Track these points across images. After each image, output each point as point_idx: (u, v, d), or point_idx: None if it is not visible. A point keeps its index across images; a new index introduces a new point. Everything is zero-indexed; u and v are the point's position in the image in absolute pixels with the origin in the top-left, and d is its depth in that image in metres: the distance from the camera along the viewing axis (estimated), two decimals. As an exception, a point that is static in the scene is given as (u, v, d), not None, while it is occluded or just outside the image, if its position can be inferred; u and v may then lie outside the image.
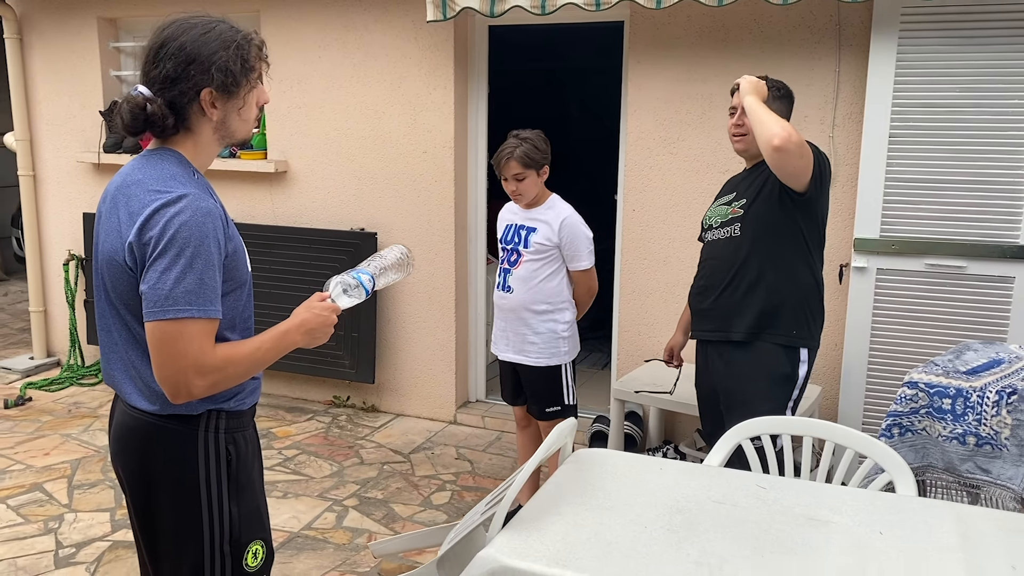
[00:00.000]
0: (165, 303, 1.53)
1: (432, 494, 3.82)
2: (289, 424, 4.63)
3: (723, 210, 2.82)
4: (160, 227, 1.54)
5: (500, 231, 3.38)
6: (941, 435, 2.47)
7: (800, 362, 2.73)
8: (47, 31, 5.34)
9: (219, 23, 1.66)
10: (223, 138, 1.73)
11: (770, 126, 2.51)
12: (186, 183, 1.60)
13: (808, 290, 2.75)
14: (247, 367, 1.64)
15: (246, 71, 1.66)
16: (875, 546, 1.79)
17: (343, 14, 4.57)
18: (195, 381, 1.56)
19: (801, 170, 2.56)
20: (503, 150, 3.18)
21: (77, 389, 5.20)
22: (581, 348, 3.52)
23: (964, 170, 3.39)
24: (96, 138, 5.26)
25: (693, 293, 2.94)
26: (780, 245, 2.70)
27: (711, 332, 2.84)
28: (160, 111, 1.61)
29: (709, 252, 2.89)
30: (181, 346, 1.54)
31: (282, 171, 4.84)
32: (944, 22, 3.35)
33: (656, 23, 3.99)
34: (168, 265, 1.53)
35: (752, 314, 2.71)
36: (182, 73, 1.60)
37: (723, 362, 2.81)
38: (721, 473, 2.18)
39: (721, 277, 2.78)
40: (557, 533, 1.81)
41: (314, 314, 1.73)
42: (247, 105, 1.71)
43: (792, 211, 2.67)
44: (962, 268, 3.42)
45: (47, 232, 5.61)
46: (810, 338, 2.76)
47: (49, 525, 3.47)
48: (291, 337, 1.70)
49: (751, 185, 2.76)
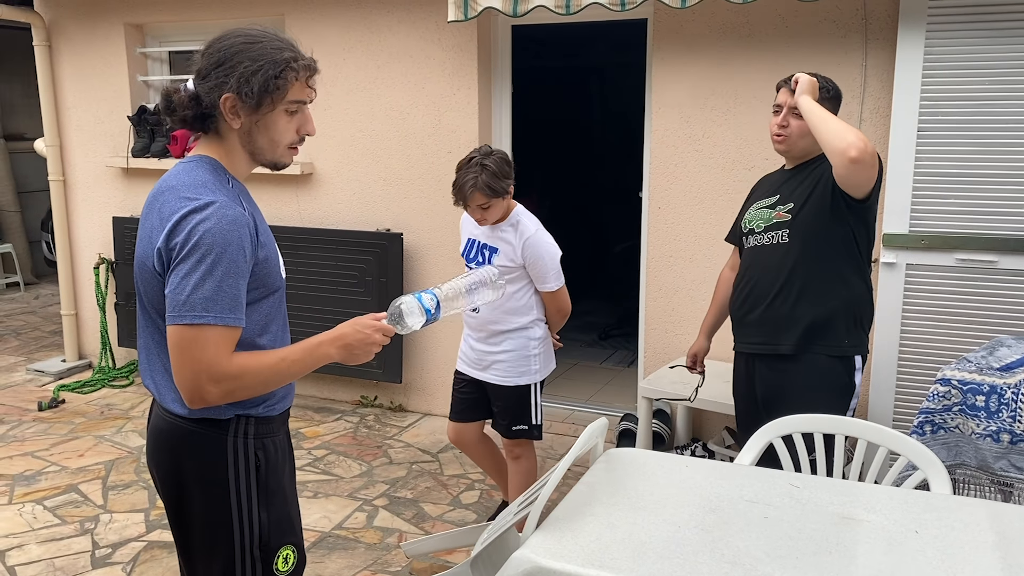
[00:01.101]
0: (183, 308, 1.54)
1: (461, 493, 3.83)
2: (318, 424, 4.67)
3: (766, 214, 2.68)
4: (185, 233, 1.55)
5: (462, 243, 3.16)
6: (974, 432, 2.44)
7: (856, 370, 2.61)
8: (75, 38, 5.41)
9: (270, 39, 1.66)
10: (252, 153, 1.72)
11: (843, 134, 2.35)
12: (216, 191, 1.62)
13: (860, 296, 2.62)
14: (267, 378, 1.63)
15: (271, 90, 1.64)
16: (911, 545, 1.78)
17: (367, 16, 4.59)
18: (208, 388, 1.57)
19: (869, 180, 2.44)
20: (464, 181, 2.91)
21: (109, 391, 5.27)
22: (606, 346, 3.46)
23: (994, 163, 3.35)
24: (125, 143, 5.33)
25: (735, 303, 2.79)
26: (832, 252, 2.57)
27: (758, 345, 2.69)
28: (182, 100, 1.65)
29: (752, 259, 2.73)
30: (196, 352, 1.55)
31: (308, 173, 4.88)
32: (973, 14, 3.31)
33: (680, 20, 3.98)
34: (189, 270, 1.55)
35: (803, 325, 2.58)
36: (212, 72, 1.64)
37: (772, 375, 2.67)
38: (753, 472, 2.18)
39: (768, 287, 2.64)
40: (591, 533, 1.82)
41: (355, 330, 1.70)
42: (272, 123, 1.68)
43: (846, 216, 2.53)
44: (993, 263, 3.38)
45: (77, 236, 5.69)
46: (862, 345, 2.63)
47: (85, 526, 3.53)
48: (324, 350, 1.67)
49: (799, 187, 2.62)
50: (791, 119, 2.60)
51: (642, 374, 4.35)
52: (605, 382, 5.31)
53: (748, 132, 3.93)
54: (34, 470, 4.06)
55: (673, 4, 3.59)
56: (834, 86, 2.69)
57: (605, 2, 3.69)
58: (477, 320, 3.12)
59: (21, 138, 8.41)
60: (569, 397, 4.98)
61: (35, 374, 5.57)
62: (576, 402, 4.89)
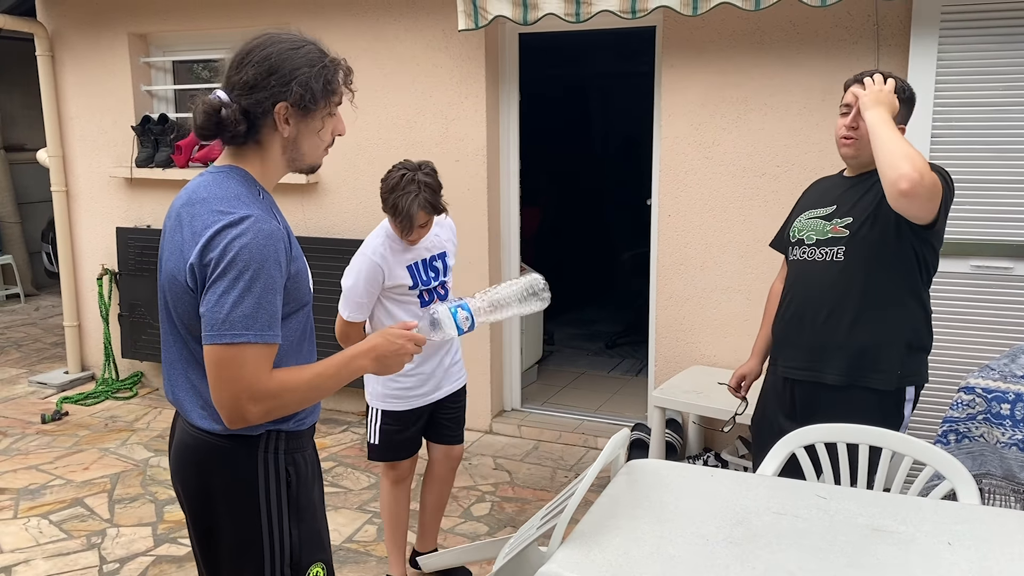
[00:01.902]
0: (222, 327, 1.51)
1: (472, 505, 3.79)
2: (324, 436, 4.62)
3: (820, 225, 2.44)
4: (221, 249, 1.52)
5: (399, 279, 2.80)
6: (1000, 441, 2.41)
7: (906, 401, 2.40)
8: (78, 48, 5.38)
9: (308, 43, 1.65)
10: (292, 160, 1.70)
11: (898, 163, 2.11)
12: (250, 204, 1.58)
13: (918, 322, 2.41)
14: (305, 394, 1.60)
15: (327, 93, 1.64)
16: (945, 557, 1.74)
17: (374, 25, 4.57)
18: (249, 407, 1.53)
19: (927, 212, 2.21)
20: (406, 203, 2.65)
21: (112, 403, 5.22)
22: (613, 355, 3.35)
23: (1009, 169, 3.33)
24: (128, 153, 5.30)
25: (780, 321, 2.57)
26: (893, 274, 2.36)
27: (800, 370, 2.49)
28: (234, 116, 1.59)
29: (800, 274, 2.51)
30: (235, 371, 1.52)
31: (313, 182, 4.85)
32: (986, 19, 3.29)
33: (689, 27, 3.96)
34: (227, 288, 1.51)
35: (852, 353, 2.37)
36: (262, 82, 1.59)
37: (812, 405, 2.46)
38: (778, 483, 2.14)
39: (817, 308, 2.42)
40: (618, 547, 1.78)
41: (388, 340, 1.68)
42: (324, 128, 1.68)
43: (911, 239, 2.32)
44: (1009, 269, 3.35)
45: (80, 247, 5.65)
46: (918, 374, 2.42)
47: (92, 540, 3.48)
48: (358, 363, 1.66)
49: (861, 200, 2.38)
50: (860, 120, 2.34)
51: (653, 384, 4.31)
52: (614, 391, 5.27)
53: (758, 139, 3.90)
54: (39, 484, 4.01)
55: (684, 12, 3.57)
56: (909, 87, 2.44)
57: (615, 9, 3.66)
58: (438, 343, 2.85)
59: (21, 149, 8.38)
60: (578, 407, 4.94)
61: (37, 386, 5.52)
62: (585, 412, 4.85)
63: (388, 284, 2.79)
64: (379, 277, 2.77)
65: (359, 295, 2.78)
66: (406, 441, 3.00)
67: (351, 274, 2.79)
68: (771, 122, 3.85)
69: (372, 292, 2.79)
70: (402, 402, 2.94)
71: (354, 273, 2.78)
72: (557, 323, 6.76)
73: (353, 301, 2.79)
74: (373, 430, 2.97)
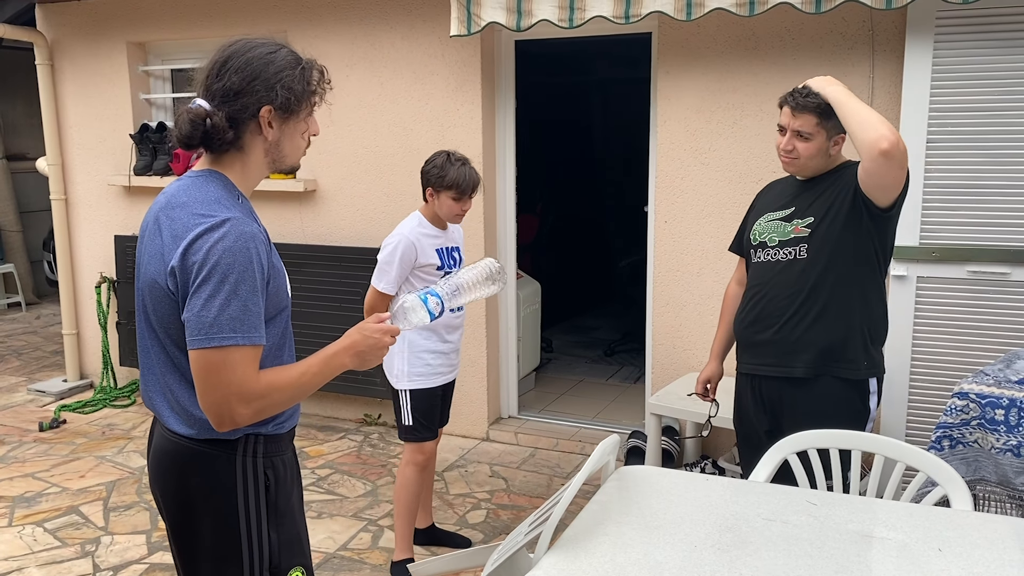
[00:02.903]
0: (210, 331, 1.51)
1: (467, 512, 3.78)
2: (321, 443, 4.61)
3: (782, 227, 2.51)
4: (204, 252, 1.52)
5: (430, 258, 3.09)
6: (994, 447, 2.39)
7: (871, 394, 2.48)
8: (77, 57, 5.40)
9: (282, 46, 1.67)
10: (273, 161, 1.71)
11: (875, 125, 2.19)
12: (230, 207, 1.59)
13: (878, 315, 2.50)
14: (292, 393, 1.61)
15: (308, 93, 1.67)
16: (935, 564, 1.73)
17: (370, 33, 4.58)
18: (239, 409, 1.54)
19: (897, 181, 2.29)
20: (469, 177, 3.04)
21: (110, 411, 5.22)
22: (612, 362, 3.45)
23: (1005, 174, 3.31)
24: (127, 161, 5.31)
25: (744, 322, 2.61)
26: (855, 269, 2.43)
27: (769, 367, 2.54)
28: (221, 123, 1.60)
29: (764, 275, 2.56)
30: (225, 374, 1.52)
31: (311, 190, 4.85)
32: (980, 25, 3.29)
33: (685, 33, 3.96)
34: (212, 292, 1.51)
35: (819, 347, 2.45)
36: (247, 87, 1.60)
37: (781, 400, 2.54)
38: (769, 489, 2.13)
39: (783, 306, 2.48)
40: (605, 554, 1.77)
41: (364, 335, 1.69)
42: (298, 130, 1.70)
43: (870, 229, 2.41)
44: (1006, 275, 3.34)
45: (79, 255, 5.66)
46: (878, 366, 2.51)
47: (86, 548, 3.47)
48: (339, 359, 1.66)
49: (818, 200, 2.47)
50: (796, 142, 2.44)
51: (650, 390, 4.29)
52: (612, 398, 5.26)
53: (754, 145, 3.90)
54: (34, 491, 4.01)
55: (678, 17, 3.57)
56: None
57: (609, 15, 3.67)
58: (461, 319, 3.22)
59: (23, 158, 8.40)
60: (576, 414, 4.93)
61: (36, 394, 5.52)
62: (583, 419, 4.83)
63: (420, 262, 3.06)
64: (412, 255, 3.04)
65: (393, 268, 3.04)
66: (435, 418, 3.22)
67: (387, 249, 3.06)
68: (766, 128, 3.85)
69: (404, 268, 3.05)
70: (427, 379, 3.14)
71: (391, 248, 3.05)
72: (556, 331, 6.76)
73: (386, 273, 3.05)
74: (406, 411, 3.16)
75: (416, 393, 3.14)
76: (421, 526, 3.44)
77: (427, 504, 3.47)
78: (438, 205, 3.08)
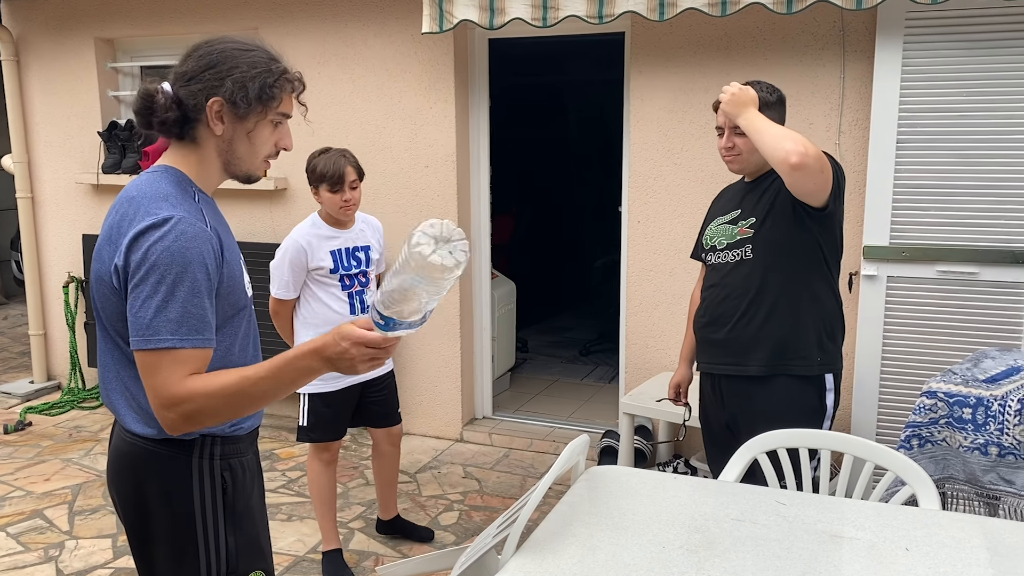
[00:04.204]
0: (146, 332, 1.47)
1: (440, 514, 3.75)
2: (292, 445, 4.56)
3: (729, 230, 2.57)
4: (143, 251, 1.48)
5: (321, 261, 3.05)
6: (962, 446, 2.40)
7: (827, 391, 2.51)
8: (44, 52, 5.31)
9: (259, 49, 1.63)
10: (228, 163, 1.66)
11: (780, 142, 2.25)
12: (176, 205, 1.54)
13: (830, 310, 2.53)
14: (227, 399, 1.50)
15: (264, 99, 1.60)
16: (901, 563, 1.73)
17: (341, 30, 4.54)
18: (163, 413, 1.49)
19: (821, 186, 2.34)
20: (335, 164, 2.98)
21: (78, 413, 5.13)
22: (587, 362, 3.44)
23: (974, 174, 3.34)
24: (95, 159, 5.23)
25: (700, 323, 2.68)
26: (799, 265, 2.48)
27: (725, 366, 2.59)
28: (165, 102, 1.57)
29: (716, 277, 2.63)
30: (149, 378, 1.49)
31: (282, 188, 4.80)
32: (949, 26, 3.31)
33: (658, 33, 3.95)
34: (150, 292, 1.47)
35: (771, 345, 2.48)
36: (199, 74, 1.58)
37: (740, 398, 2.58)
38: (738, 489, 2.12)
39: (734, 306, 2.54)
40: (573, 556, 1.75)
41: (333, 340, 1.50)
42: (257, 133, 1.63)
43: (810, 227, 2.45)
44: (974, 274, 3.36)
45: (46, 254, 5.56)
46: (834, 363, 2.54)
47: (50, 553, 3.40)
48: (305, 363, 1.51)
49: (759, 200, 2.52)
50: (735, 139, 2.51)
51: (623, 390, 4.29)
52: (586, 398, 5.25)
53: (727, 145, 3.90)
54: (-2, 495, 3.93)
55: (651, 17, 3.57)
56: (775, 89, 2.57)
57: (582, 14, 3.65)
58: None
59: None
60: (550, 414, 4.92)
61: (1, 396, 5.42)
62: (557, 419, 4.82)
63: (312, 265, 3.06)
64: (303, 258, 3.05)
65: (284, 273, 3.07)
66: (334, 422, 3.20)
67: (279, 254, 3.09)
68: (739, 128, 3.85)
69: (297, 271, 3.06)
70: (327, 383, 3.11)
71: (280, 253, 3.08)
72: (531, 331, 6.74)
73: (277, 279, 3.09)
74: (302, 413, 3.18)
75: (316, 396, 3.14)
76: (385, 517, 3.51)
77: (389, 497, 3.49)
78: (323, 202, 3.06)
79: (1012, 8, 3.20)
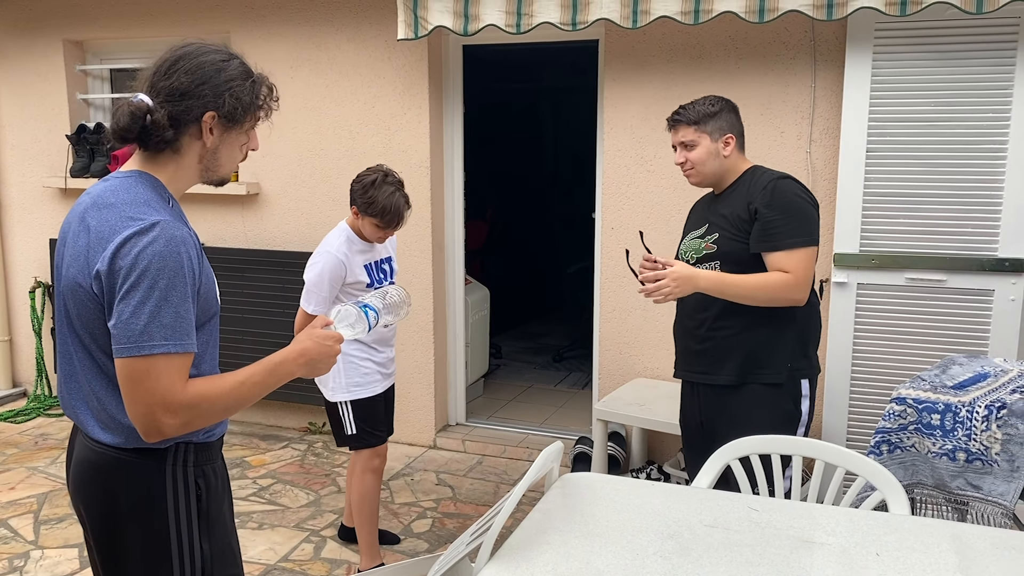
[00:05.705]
0: (140, 339, 1.45)
1: (412, 522, 3.73)
2: (263, 452, 4.52)
3: (698, 244, 2.62)
4: (133, 257, 1.46)
5: (359, 276, 3.01)
6: (931, 451, 2.43)
7: (802, 397, 2.56)
8: (11, 54, 5.23)
9: (236, 57, 1.64)
10: (206, 169, 1.66)
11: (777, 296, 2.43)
12: (160, 210, 1.53)
13: (802, 317, 2.56)
14: (226, 404, 1.55)
15: (255, 107, 1.64)
16: (872, 568, 1.74)
17: (314, 34, 4.52)
18: (165, 419, 1.48)
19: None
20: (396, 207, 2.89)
21: (44, 420, 5.05)
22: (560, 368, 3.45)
23: (942, 183, 3.39)
24: (63, 163, 5.15)
25: (677, 333, 2.76)
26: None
27: (700, 375, 2.66)
28: (162, 121, 1.55)
29: None
30: (149, 383, 1.47)
31: (254, 193, 4.76)
32: (918, 37, 3.36)
33: (631, 41, 3.98)
34: (142, 298, 1.46)
35: (742, 355, 2.53)
36: (194, 90, 1.56)
37: (714, 405, 2.63)
38: (711, 496, 2.13)
39: (706, 317, 2.59)
40: (547, 563, 1.75)
41: (317, 343, 1.65)
42: (237, 142, 1.66)
43: None
44: (942, 281, 3.41)
45: (12, 259, 5.47)
46: (808, 368, 2.58)
47: (14, 563, 3.34)
48: (287, 368, 1.61)
49: (721, 216, 2.59)
50: (686, 154, 2.59)
51: (596, 396, 4.29)
52: (560, 405, 5.25)
53: (700, 152, 3.92)
54: (-39, 505, 3.85)
55: (624, 25, 3.59)
56: (719, 100, 2.61)
57: (556, 21, 3.67)
58: (392, 329, 3.20)
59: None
60: (523, 421, 4.91)
61: (-35, 403, 5.33)
62: (530, 426, 4.81)
63: (348, 280, 2.96)
64: (341, 273, 2.94)
65: (323, 290, 2.93)
66: (381, 422, 3.19)
67: (314, 269, 2.93)
68: (712, 136, 3.87)
69: (334, 287, 2.95)
70: (367, 388, 3.11)
71: (318, 268, 2.92)
72: (505, 337, 6.74)
73: (316, 295, 2.93)
74: (348, 422, 3.12)
75: (358, 403, 3.11)
76: (349, 524, 3.47)
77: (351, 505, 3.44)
78: (362, 225, 2.98)
79: (979, 20, 3.26)
